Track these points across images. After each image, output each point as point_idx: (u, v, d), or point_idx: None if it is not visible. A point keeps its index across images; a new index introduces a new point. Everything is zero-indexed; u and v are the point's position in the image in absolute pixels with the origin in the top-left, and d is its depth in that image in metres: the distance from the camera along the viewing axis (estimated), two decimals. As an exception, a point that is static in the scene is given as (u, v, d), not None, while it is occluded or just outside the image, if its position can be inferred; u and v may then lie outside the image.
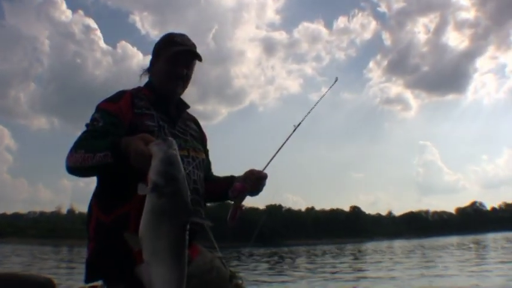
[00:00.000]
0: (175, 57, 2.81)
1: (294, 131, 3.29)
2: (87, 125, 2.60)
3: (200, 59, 2.90)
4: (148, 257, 1.96)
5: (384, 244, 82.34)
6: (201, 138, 3.08)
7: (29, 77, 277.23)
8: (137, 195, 2.28)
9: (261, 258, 39.42)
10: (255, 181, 2.88)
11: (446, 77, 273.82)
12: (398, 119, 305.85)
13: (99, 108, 2.66)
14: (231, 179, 3.05)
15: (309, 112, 3.45)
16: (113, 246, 2.48)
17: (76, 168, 2.41)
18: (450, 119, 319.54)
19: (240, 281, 3.02)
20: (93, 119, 2.60)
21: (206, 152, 3.13)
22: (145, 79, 2.98)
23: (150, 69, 2.96)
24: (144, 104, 2.75)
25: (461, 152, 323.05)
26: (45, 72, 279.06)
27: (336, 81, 3.67)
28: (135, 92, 2.80)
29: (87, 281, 2.62)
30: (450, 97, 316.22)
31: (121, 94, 2.75)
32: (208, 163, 3.17)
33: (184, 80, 2.88)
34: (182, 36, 2.91)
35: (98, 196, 2.69)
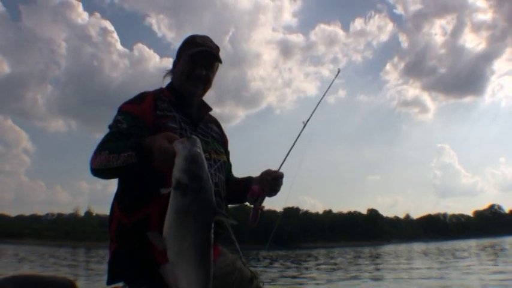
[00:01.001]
0: (194, 58, 2.78)
1: (304, 127, 3.28)
2: (110, 127, 2.57)
3: (220, 61, 2.88)
4: (173, 257, 1.93)
5: (402, 247, 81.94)
6: (222, 141, 3.05)
7: (46, 80, 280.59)
8: (159, 197, 2.30)
9: (278, 261, 39.34)
10: (271, 181, 2.81)
11: (464, 79, 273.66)
12: (415, 122, 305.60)
13: (122, 110, 2.64)
14: (248, 180, 3.02)
15: (316, 108, 3.47)
16: (135, 247, 2.49)
17: (101, 169, 2.37)
18: (468, 121, 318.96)
19: (261, 284, 2.96)
20: (116, 121, 2.57)
21: (227, 154, 3.09)
22: (167, 80, 2.96)
23: (172, 71, 2.93)
24: (166, 105, 2.72)
25: (479, 155, 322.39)
26: (62, 74, 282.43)
27: (338, 72, 3.72)
28: (157, 94, 2.77)
29: (109, 282, 2.61)
30: (468, 99, 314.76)
31: (143, 96, 2.73)
32: (229, 165, 3.13)
33: (203, 81, 2.84)
34: (204, 37, 2.89)
35: (119, 198, 2.66)
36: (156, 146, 2.11)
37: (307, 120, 3.30)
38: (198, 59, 2.78)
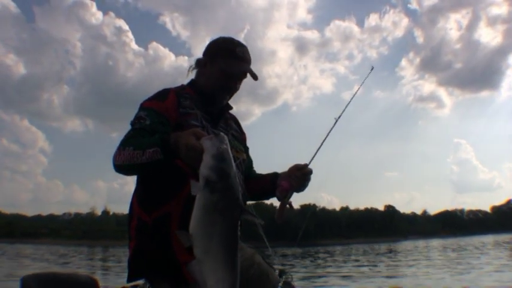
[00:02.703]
0: (234, 74, 2.77)
1: (335, 123, 3.25)
2: (132, 124, 2.55)
3: (256, 79, 2.84)
4: (201, 255, 1.91)
5: (419, 243, 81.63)
6: (241, 138, 3.04)
7: (62, 80, 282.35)
8: (180, 196, 2.43)
9: (296, 258, 39.35)
10: (300, 177, 2.79)
11: (480, 73, 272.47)
12: (432, 117, 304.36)
13: (145, 107, 2.61)
14: (274, 175, 2.97)
15: (348, 103, 3.46)
16: (155, 245, 2.48)
17: (125, 166, 2.35)
18: (484, 116, 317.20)
19: (290, 278, 2.95)
20: (138, 117, 2.54)
21: (246, 150, 3.07)
22: (192, 74, 2.93)
23: (200, 66, 2.87)
24: (188, 103, 2.70)
25: (496, 150, 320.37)
26: (78, 74, 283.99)
27: (372, 69, 3.66)
28: (179, 91, 2.74)
29: (129, 279, 2.60)
30: (484, 94, 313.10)
31: (166, 93, 2.70)
32: (250, 161, 3.11)
33: (233, 92, 2.86)
34: (243, 48, 2.81)
35: (139, 195, 2.65)
36: (183, 143, 2.08)
37: (339, 117, 3.28)
38: (236, 75, 2.78)
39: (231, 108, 2.98)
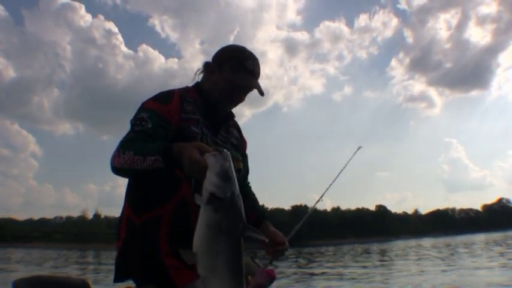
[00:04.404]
0: (241, 86, 2.74)
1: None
2: (132, 124, 2.50)
3: (263, 95, 2.82)
4: (206, 273, 1.88)
5: (410, 243, 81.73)
6: (241, 146, 3.00)
7: (52, 83, 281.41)
8: (172, 200, 2.43)
9: (287, 259, 39.30)
10: (277, 250, 2.86)
11: (470, 73, 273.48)
12: (422, 117, 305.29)
13: (147, 108, 2.55)
14: (258, 219, 3.01)
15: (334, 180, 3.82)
16: (142, 247, 2.47)
17: (123, 170, 2.32)
18: (475, 116, 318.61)
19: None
20: (140, 119, 2.48)
21: (245, 158, 3.05)
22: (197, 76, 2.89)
23: (207, 71, 2.82)
24: (191, 108, 2.66)
25: (487, 148, 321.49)
26: (68, 77, 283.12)
27: (358, 148, 3.94)
28: (183, 94, 2.69)
29: (116, 280, 2.59)
30: (474, 93, 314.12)
31: (170, 95, 2.64)
32: (246, 171, 3.08)
33: (239, 103, 2.85)
34: (254, 62, 2.77)
35: (130, 196, 2.62)
36: (187, 156, 2.04)
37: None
38: (243, 88, 2.76)
39: (233, 116, 2.97)
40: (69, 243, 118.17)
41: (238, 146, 2.95)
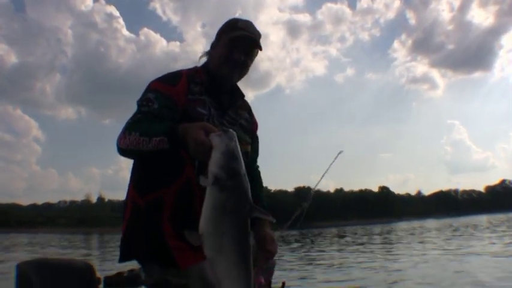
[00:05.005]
0: (234, 42, 2.66)
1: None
2: (138, 105, 2.49)
3: (260, 48, 2.76)
4: (212, 254, 1.87)
5: (413, 224, 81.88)
6: (251, 128, 2.94)
7: (54, 68, 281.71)
8: (175, 182, 2.42)
9: (291, 240, 39.44)
10: (265, 257, 2.76)
11: (472, 54, 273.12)
12: (425, 98, 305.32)
13: (154, 89, 2.54)
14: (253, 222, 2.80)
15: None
16: (145, 228, 2.47)
17: (129, 151, 2.32)
18: (477, 97, 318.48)
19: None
20: (147, 99, 2.48)
21: (254, 140, 2.99)
22: (203, 60, 2.85)
23: (210, 52, 2.81)
24: (198, 89, 2.63)
25: (489, 130, 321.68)
26: (70, 62, 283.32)
27: (340, 153, 4.03)
28: (191, 75, 2.67)
29: (120, 260, 2.61)
30: (477, 75, 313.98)
31: (177, 76, 2.63)
32: (255, 154, 3.03)
33: (240, 67, 2.73)
34: (247, 22, 2.76)
35: (135, 178, 2.62)
36: (192, 137, 2.02)
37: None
38: (238, 44, 2.67)
39: (242, 96, 2.92)
40: (73, 228, 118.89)
41: (248, 128, 2.90)
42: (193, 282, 2.27)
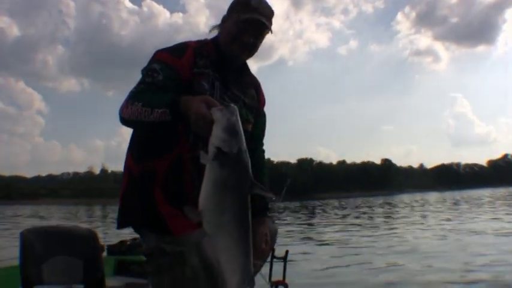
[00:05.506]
0: (244, 25, 2.59)
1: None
2: (143, 74, 2.47)
3: (271, 31, 2.69)
4: (212, 230, 1.87)
5: (415, 196, 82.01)
6: (256, 107, 2.85)
7: (56, 40, 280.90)
8: (169, 154, 2.44)
9: (291, 212, 39.58)
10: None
11: (476, 28, 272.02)
12: (428, 71, 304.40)
13: (159, 59, 2.52)
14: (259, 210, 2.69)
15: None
16: (139, 196, 2.51)
17: (131, 121, 2.32)
18: (481, 71, 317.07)
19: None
20: (152, 70, 2.45)
21: (260, 118, 2.93)
22: (213, 33, 2.77)
23: (221, 26, 2.73)
24: (204, 62, 2.58)
25: (492, 104, 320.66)
26: (72, 34, 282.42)
27: (289, 181, 4.34)
28: (198, 48, 2.62)
29: (118, 227, 2.65)
30: (480, 48, 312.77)
31: (184, 48, 2.59)
32: (258, 131, 2.94)
33: (249, 48, 2.67)
34: (260, 1, 2.64)
35: (131, 146, 2.64)
36: (194, 110, 2.01)
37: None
38: (249, 26, 2.59)
39: (249, 73, 2.87)
40: (76, 199, 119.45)
41: (253, 105, 2.82)
42: (188, 249, 2.27)
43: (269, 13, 2.67)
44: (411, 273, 9.88)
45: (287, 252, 3.86)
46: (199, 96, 2.12)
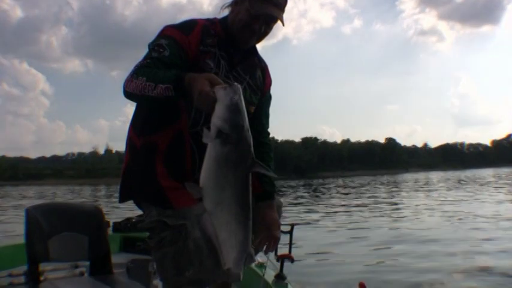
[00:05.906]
0: (257, 14, 2.55)
1: None
2: (149, 48, 2.46)
3: (282, 24, 2.63)
4: (212, 207, 1.88)
5: (419, 175, 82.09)
6: (261, 88, 2.82)
7: (60, 21, 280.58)
8: (170, 128, 2.47)
9: (295, 190, 39.67)
10: (268, 241, 2.65)
11: (480, 8, 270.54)
12: (433, 51, 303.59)
13: (167, 35, 2.50)
14: (264, 193, 2.74)
15: None
16: (140, 169, 2.53)
17: (134, 95, 2.30)
18: (485, 51, 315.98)
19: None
20: (159, 45, 2.43)
21: (266, 99, 2.90)
22: (224, 12, 2.73)
23: (232, 6, 2.68)
24: (211, 41, 2.57)
25: (496, 84, 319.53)
26: (75, 15, 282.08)
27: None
28: (206, 26, 2.60)
29: (120, 200, 2.68)
30: (485, 28, 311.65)
31: (192, 26, 2.56)
32: (261, 113, 2.90)
33: (259, 36, 2.66)
34: None
35: (134, 119, 2.66)
36: (197, 87, 2.00)
37: None
38: (261, 16, 2.56)
39: (256, 55, 2.84)
40: (81, 179, 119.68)
41: (258, 87, 2.80)
42: (191, 223, 2.28)
43: (283, 2, 2.63)
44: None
45: (293, 226, 3.88)
46: (203, 74, 2.11)
